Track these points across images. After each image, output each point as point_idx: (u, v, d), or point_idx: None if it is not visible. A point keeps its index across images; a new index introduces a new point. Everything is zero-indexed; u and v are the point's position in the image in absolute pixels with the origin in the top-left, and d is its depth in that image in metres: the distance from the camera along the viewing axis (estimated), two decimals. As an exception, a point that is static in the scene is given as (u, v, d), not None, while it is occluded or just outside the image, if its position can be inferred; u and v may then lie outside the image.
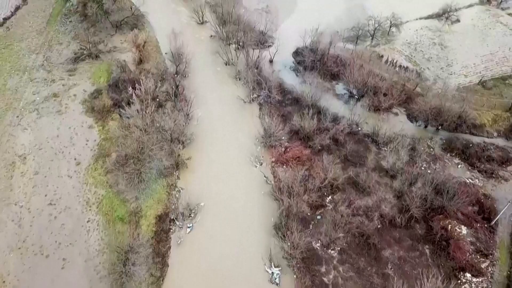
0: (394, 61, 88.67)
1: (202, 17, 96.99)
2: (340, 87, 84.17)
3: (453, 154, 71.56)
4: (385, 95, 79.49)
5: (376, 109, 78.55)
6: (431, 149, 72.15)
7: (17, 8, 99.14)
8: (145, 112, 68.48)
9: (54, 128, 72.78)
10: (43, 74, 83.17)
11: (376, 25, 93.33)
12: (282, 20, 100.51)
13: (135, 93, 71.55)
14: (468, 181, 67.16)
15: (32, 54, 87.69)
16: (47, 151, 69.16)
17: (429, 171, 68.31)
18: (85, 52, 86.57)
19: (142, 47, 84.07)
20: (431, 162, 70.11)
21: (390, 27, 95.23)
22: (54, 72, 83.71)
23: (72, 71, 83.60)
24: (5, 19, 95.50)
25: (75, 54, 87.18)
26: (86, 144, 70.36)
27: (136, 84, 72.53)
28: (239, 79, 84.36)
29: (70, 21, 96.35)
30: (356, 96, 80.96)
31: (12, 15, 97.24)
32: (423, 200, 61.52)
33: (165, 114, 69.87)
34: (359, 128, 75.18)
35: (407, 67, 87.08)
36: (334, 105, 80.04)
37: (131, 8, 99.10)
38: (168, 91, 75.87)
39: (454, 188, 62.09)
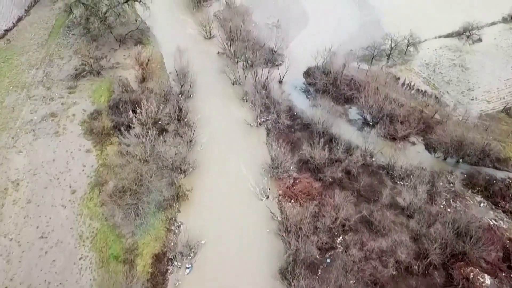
0: (411, 84, 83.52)
1: (210, 32, 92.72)
2: (353, 112, 79.24)
3: (475, 191, 66.23)
4: (401, 123, 74.41)
5: (392, 137, 73.47)
6: (451, 185, 66.89)
7: (19, 19, 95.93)
8: (146, 138, 64.22)
9: (50, 152, 69.07)
10: (42, 91, 79.62)
11: (393, 44, 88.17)
12: (293, 36, 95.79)
13: (135, 117, 67.57)
14: (491, 223, 61.86)
15: (32, 69, 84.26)
16: (42, 177, 65.44)
17: (448, 210, 63.25)
18: (86, 68, 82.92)
19: (146, 65, 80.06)
20: (451, 200, 64.90)
21: (408, 46, 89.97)
22: (54, 89, 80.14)
23: (72, 89, 79.94)
24: (6, 31, 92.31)
25: (76, 70, 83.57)
26: (83, 170, 66.50)
27: (137, 107, 68.51)
28: (246, 101, 79.93)
29: (73, 34, 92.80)
30: (370, 123, 75.95)
31: (13, 26, 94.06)
32: (442, 245, 56.50)
33: (166, 142, 65.72)
34: (373, 159, 70.26)
35: (425, 91, 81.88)
36: (346, 131, 75.20)
37: (136, 21, 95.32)
38: (171, 114, 71.52)
39: (478, 232, 56.95)
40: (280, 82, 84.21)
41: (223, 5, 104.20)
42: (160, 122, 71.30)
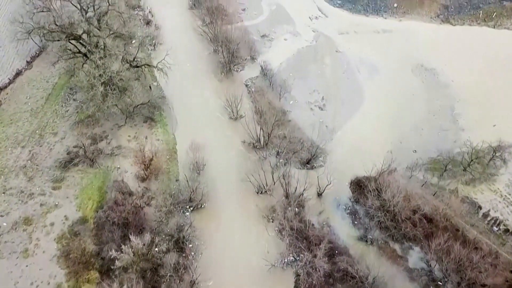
0: (498, 220, 61.77)
1: (237, 112, 74.46)
2: (415, 256, 58.46)
3: None
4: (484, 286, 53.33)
5: (470, 311, 52.57)
6: None
7: (18, 74, 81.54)
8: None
9: (11, 284, 53.11)
10: (22, 182, 64.23)
11: (473, 156, 66.65)
12: (340, 123, 75.85)
13: (118, 258, 50.54)
14: None
15: (17, 147, 69.23)
16: (-10, 329, 49.80)
17: None
18: (80, 152, 66.98)
19: (149, 162, 63.16)
20: None
21: (493, 156, 68.03)
22: (36, 180, 64.56)
23: (58, 182, 64.05)
24: (0, 89, 78.27)
25: (68, 153, 67.81)
26: (45, 323, 50.26)
27: (123, 245, 51.42)
28: (272, 221, 61.25)
29: (74, 99, 77.37)
30: (440, 283, 55.16)
31: (9, 83, 79.67)
32: None
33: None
34: None
35: (518, 235, 60.10)
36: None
37: (150, 87, 78.90)
38: (169, 247, 54.03)
39: None
40: (319, 195, 64.82)
41: (257, 69, 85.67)
42: (154, 257, 53.78)
